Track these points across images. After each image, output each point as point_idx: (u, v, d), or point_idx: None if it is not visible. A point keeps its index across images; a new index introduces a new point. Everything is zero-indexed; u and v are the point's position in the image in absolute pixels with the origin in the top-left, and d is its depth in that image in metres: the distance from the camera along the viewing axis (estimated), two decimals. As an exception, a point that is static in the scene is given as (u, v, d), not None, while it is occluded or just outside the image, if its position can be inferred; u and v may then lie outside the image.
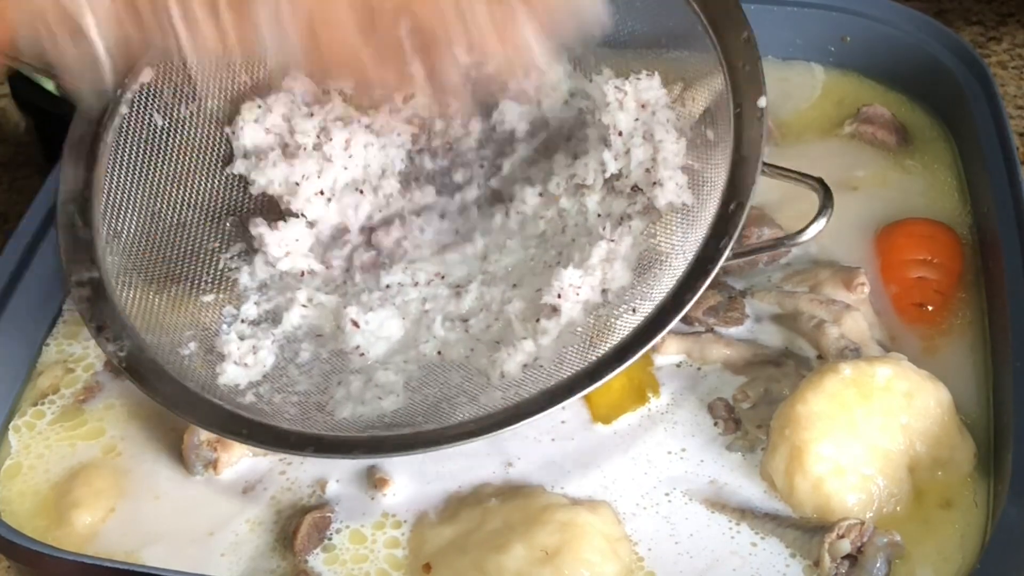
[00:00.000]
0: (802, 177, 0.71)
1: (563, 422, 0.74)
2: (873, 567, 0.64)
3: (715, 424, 0.74)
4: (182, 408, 0.69)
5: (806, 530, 0.66)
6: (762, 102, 0.70)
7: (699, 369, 0.77)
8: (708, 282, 0.66)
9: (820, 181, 0.70)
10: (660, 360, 0.77)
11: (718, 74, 0.72)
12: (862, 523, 0.65)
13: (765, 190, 0.86)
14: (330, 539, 0.69)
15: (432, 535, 0.69)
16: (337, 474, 0.72)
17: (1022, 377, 0.69)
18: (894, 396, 0.69)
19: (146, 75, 0.77)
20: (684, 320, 0.79)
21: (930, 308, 0.79)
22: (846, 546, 0.64)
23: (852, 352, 0.74)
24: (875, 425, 0.68)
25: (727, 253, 0.66)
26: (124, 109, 0.76)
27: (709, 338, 0.78)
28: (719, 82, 0.72)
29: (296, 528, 0.69)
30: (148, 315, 0.73)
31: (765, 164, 0.69)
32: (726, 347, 0.77)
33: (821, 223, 0.69)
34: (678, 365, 0.77)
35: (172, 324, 0.74)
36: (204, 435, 0.72)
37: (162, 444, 0.74)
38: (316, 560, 0.68)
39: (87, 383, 0.78)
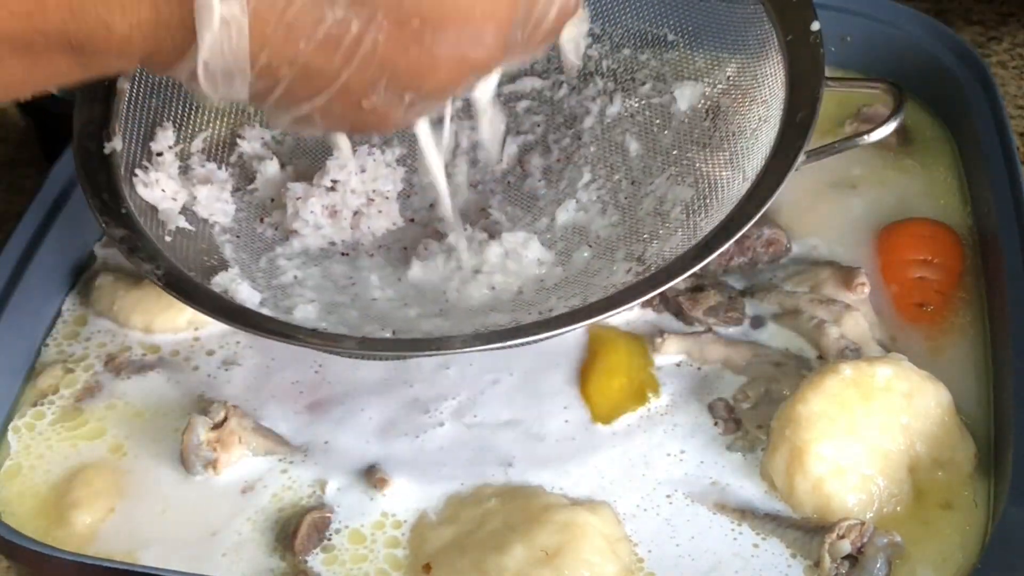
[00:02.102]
0: (870, 83, 0.73)
1: (566, 421, 0.74)
2: (873, 567, 0.64)
3: (715, 424, 0.74)
4: (226, 315, 0.67)
5: (806, 530, 0.66)
6: (815, 26, 0.72)
7: (699, 369, 0.77)
8: (785, 181, 0.67)
9: (891, 82, 0.72)
10: (660, 360, 0.77)
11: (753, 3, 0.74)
12: (862, 523, 0.65)
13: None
14: (329, 539, 0.69)
15: (432, 535, 0.69)
16: (337, 474, 0.72)
17: (1022, 377, 0.69)
18: (894, 396, 0.69)
19: None
20: (684, 320, 0.79)
21: (930, 308, 0.79)
22: (846, 546, 0.64)
23: (852, 352, 0.74)
24: (875, 425, 0.68)
25: (801, 156, 0.67)
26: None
27: (709, 338, 0.78)
28: (753, 12, 0.74)
29: (296, 528, 0.69)
30: (179, 244, 0.73)
31: (828, 78, 0.70)
32: (726, 347, 0.77)
33: (893, 124, 0.69)
34: (678, 365, 0.77)
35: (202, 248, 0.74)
36: (204, 435, 0.72)
37: (162, 444, 0.74)
38: (315, 560, 0.68)
39: (87, 383, 0.78)
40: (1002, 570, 0.62)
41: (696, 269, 0.65)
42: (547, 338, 0.64)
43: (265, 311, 0.69)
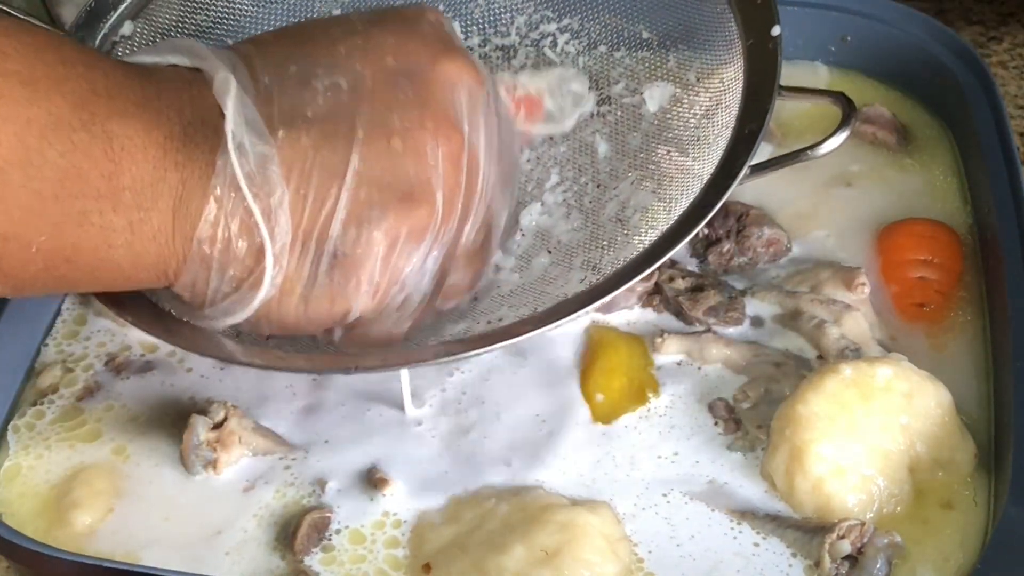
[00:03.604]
0: (821, 93, 0.71)
1: (566, 421, 0.74)
2: (873, 568, 0.64)
3: (715, 424, 0.74)
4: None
5: (806, 530, 0.66)
6: (775, 31, 0.70)
7: (699, 369, 0.77)
8: (727, 196, 0.65)
9: (841, 94, 0.69)
10: (660, 360, 0.77)
11: (720, 4, 0.73)
12: (862, 524, 0.65)
13: (766, 192, 0.87)
14: (329, 539, 0.69)
15: (432, 535, 0.69)
16: (337, 474, 0.72)
17: (1022, 377, 0.69)
18: (894, 396, 0.69)
19: (126, 28, 0.76)
20: (684, 320, 0.79)
21: (931, 308, 0.79)
22: (846, 547, 0.64)
23: (852, 352, 0.74)
24: (875, 425, 0.68)
25: (744, 171, 0.66)
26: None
27: (709, 338, 0.78)
28: (721, 12, 0.73)
29: (296, 528, 0.69)
30: None
31: (781, 87, 0.68)
32: (726, 347, 0.77)
33: (843, 135, 0.67)
34: (678, 365, 0.77)
35: None
36: (204, 435, 0.72)
37: (162, 444, 0.74)
38: (314, 560, 0.68)
39: (87, 383, 0.78)
40: (1002, 570, 0.62)
41: (634, 282, 0.64)
42: (490, 351, 0.64)
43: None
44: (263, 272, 0.59)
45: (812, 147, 0.67)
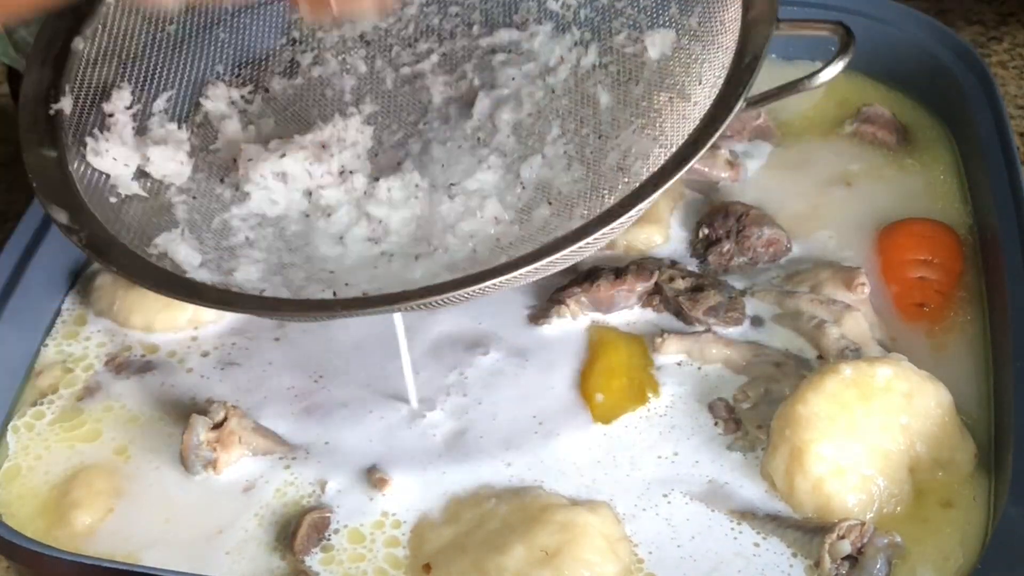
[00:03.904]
0: (819, 24, 0.71)
1: (566, 422, 0.74)
2: (873, 568, 0.64)
3: (715, 424, 0.74)
4: (141, 277, 0.67)
5: (807, 530, 0.66)
6: None
7: (699, 369, 0.77)
8: (728, 122, 0.65)
9: (839, 23, 0.69)
10: (660, 360, 0.77)
11: None
12: (862, 524, 0.65)
13: (766, 192, 0.87)
14: (329, 539, 0.69)
15: (432, 535, 0.69)
16: (337, 474, 0.72)
17: (1022, 377, 0.69)
18: (894, 397, 0.69)
19: None
20: (684, 320, 0.79)
21: (931, 308, 0.79)
22: (846, 547, 0.64)
23: (852, 352, 0.74)
24: (875, 426, 0.68)
25: (741, 103, 0.65)
26: (97, 17, 0.76)
27: (709, 338, 0.78)
28: None
29: (296, 528, 0.69)
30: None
31: (779, 20, 0.68)
32: (726, 347, 0.77)
33: (840, 64, 0.67)
34: (678, 365, 0.77)
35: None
36: (204, 435, 0.72)
37: (161, 444, 0.74)
38: (313, 560, 0.68)
39: (86, 383, 0.78)
40: (1002, 570, 0.62)
41: (625, 218, 0.63)
42: (479, 292, 0.63)
43: (203, 272, 0.68)
44: None
45: (810, 76, 0.67)
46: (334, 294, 0.68)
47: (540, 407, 0.75)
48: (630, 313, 0.80)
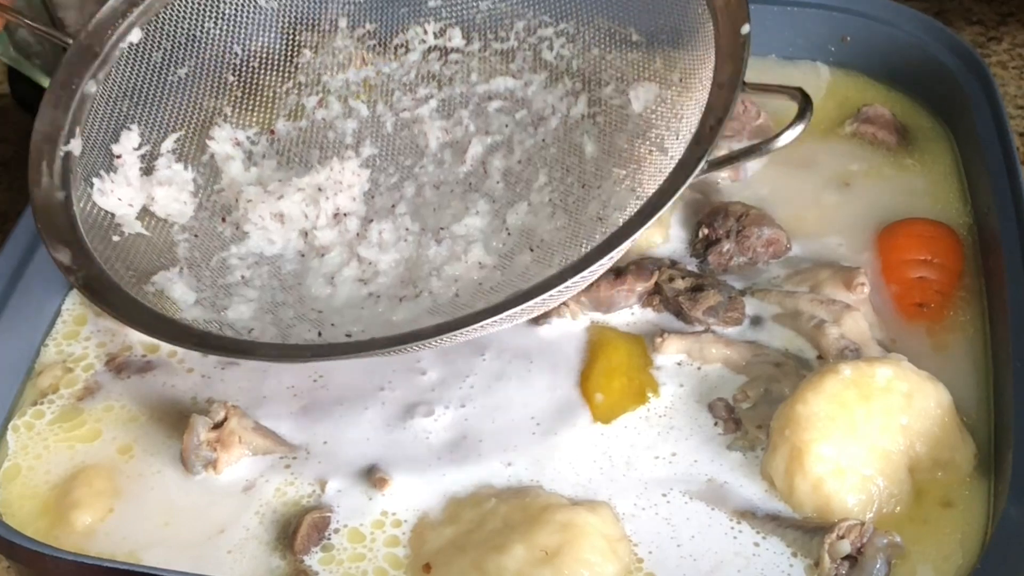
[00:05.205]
0: (780, 88, 0.71)
1: (566, 422, 0.74)
2: (873, 568, 0.64)
3: (715, 424, 0.74)
4: (141, 324, 0.69)
5: (806, 530, 0.66)
6: (745, 29, 0.70)
7: (699, 369, 0.77)
8: (686, 186, 0.65)
9: (799, 89, 0.69)
10: (660, 360, 0.77)
11: (700, 6, 0.73)
12: (862, 524, 0.65)
13: (766, 192, 0.87)
14: (329, 539, 0.69)
15: (432, 535, 0.69)
16: (337, 474, 0.72)
17: (1022, 377, 0.69)
18: (894, 397, 0.69)
19: (135, 35, 0.79)
20: (684, 320, 0.79)
21: (930, 308, 0.79)
22: (846, 547, 0.64)
23: (852, 352, 0.74)
24: (875, 426, 0.68)
25: (702, 164, 0.65)
26: (111, 61, 0.78)
27: (709, 338, 0.78)
28: (701, 14, 0.73)
29: (296, 528, 0.69)
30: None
31: (744, 82, 0.68)
32: (726, 347, 0.77)
33: (798, 128, 0.67)
34: (678, 365, 0.77)
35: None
36: (204, 435, 0.72)
37: (162, 444, 0.74)
38: (313, 559, 0.68)
39: (87, 383, 0.78)
40: (1002, 570, 0.62)
41: (577, 278, 0.64)
42: (450, 341, 0.64)
43: (196, 310, 0.71)
44: None
45: (768, 141, 0.67)
46: (319, 334, 0.71)
47: (540, 407, 0.75)
48: (630, 313, 0.80)
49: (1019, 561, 0.62)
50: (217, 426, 0.73)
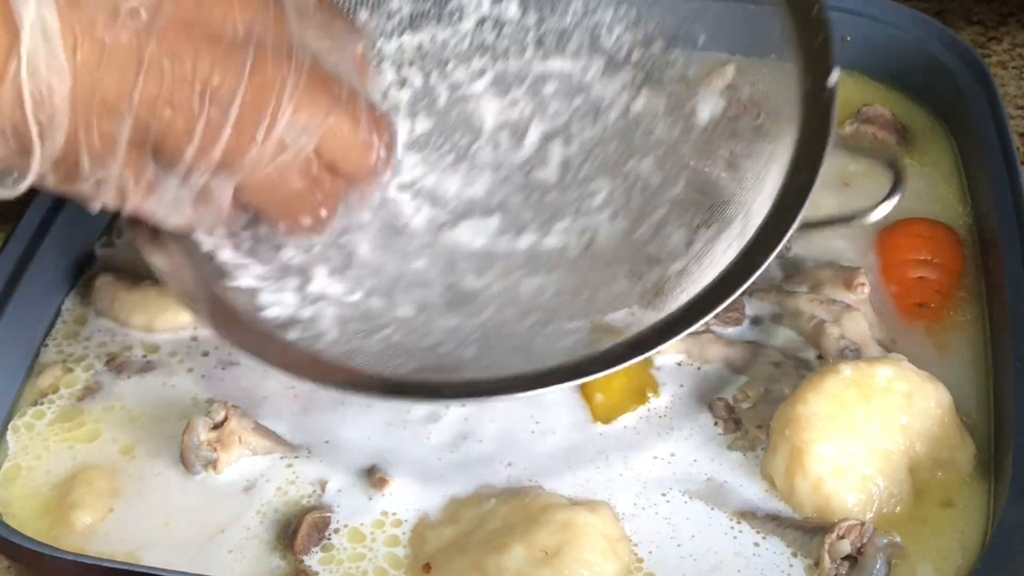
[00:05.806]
0: (876, 155, 0.70)
1: (566, 421, 0.74)
2: (873, 568, 0.64)
3: (715, 424, 0.74)
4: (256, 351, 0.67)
5: (806, 530, 0.67)
6: (832, 79, 0.67)
7: (699, 369, 0.77)
8: (779, 249, 0.64)
9: (894, 161, 0.69)
10: (660, 360, 0.77)
11: (789, 49, 0.70)
12: (862, 524, 0.65)
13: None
14: (329, 539, 0.69)
15: (432, 535, 0.69)
16: (337, 474, 0.72)
17: (1022, 377, 0.69)
18: (894, 397, 0.69)
19: None
20: (684, 320, 0.79)
21: (931, 308, 0.79)
22: (846, 547, 0.64)
23: (852, 352, 0.74)
24: (875, 426, 0.68)
25: (795, 225, 0.64)
26: None
27: (709, 338, 0.78)
28: (789, 58, 0.70)
29: (296, 528, 0.69)
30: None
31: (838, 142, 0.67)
32: (726, 347, 0.77)
33: (893, 201, 0.67)
34: (678, 365, 0.77)
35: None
36: (204, 435, 0.72)
37: (162, 444, 0.74)
38: (313, 560, 0.68)
39: (87, 383, 0.78)
40: (1002, 570, 0.62)
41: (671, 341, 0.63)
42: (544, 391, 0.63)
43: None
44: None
45: (865, 212, 0.67)
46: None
47: (540, 407, 0.75)
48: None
49: (1019, 561, 0.62)
50: (217, 426, 0.73)
